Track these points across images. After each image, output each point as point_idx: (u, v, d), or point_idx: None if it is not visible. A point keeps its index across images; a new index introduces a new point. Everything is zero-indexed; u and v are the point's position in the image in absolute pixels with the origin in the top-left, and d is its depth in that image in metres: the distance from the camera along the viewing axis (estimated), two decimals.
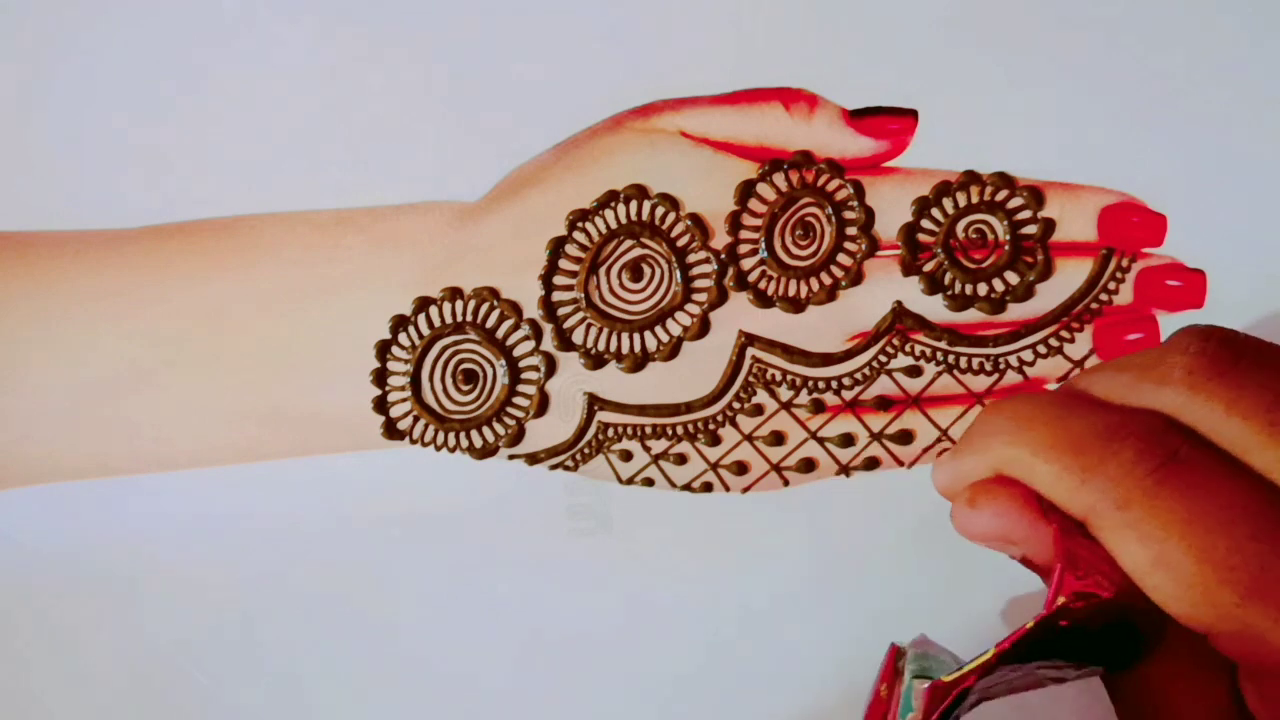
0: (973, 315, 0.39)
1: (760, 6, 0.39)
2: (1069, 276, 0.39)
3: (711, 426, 0.40)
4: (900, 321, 0.39)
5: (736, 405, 0.40)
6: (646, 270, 0.40)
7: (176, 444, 0.40)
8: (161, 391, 0.40)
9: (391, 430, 0.40)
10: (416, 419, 0.40)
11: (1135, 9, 0.39)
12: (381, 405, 0.40)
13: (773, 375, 0.39)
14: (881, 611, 0.39)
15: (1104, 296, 0.39)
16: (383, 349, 0.40)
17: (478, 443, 0.40)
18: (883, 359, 0.39)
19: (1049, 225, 0.39)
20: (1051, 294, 0.39)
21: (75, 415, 0.40)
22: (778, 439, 0.40)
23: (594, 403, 0.40)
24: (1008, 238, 0.39)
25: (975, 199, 0.39)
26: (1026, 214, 0.39)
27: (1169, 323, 0.39)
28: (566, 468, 0.40)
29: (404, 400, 0.40)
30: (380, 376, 0.40)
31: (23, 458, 0.40)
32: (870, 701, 0.27)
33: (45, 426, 0.40)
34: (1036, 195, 0.39)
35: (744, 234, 0.39)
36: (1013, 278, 0.39)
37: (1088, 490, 0.25)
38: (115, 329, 0.40)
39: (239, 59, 0.40)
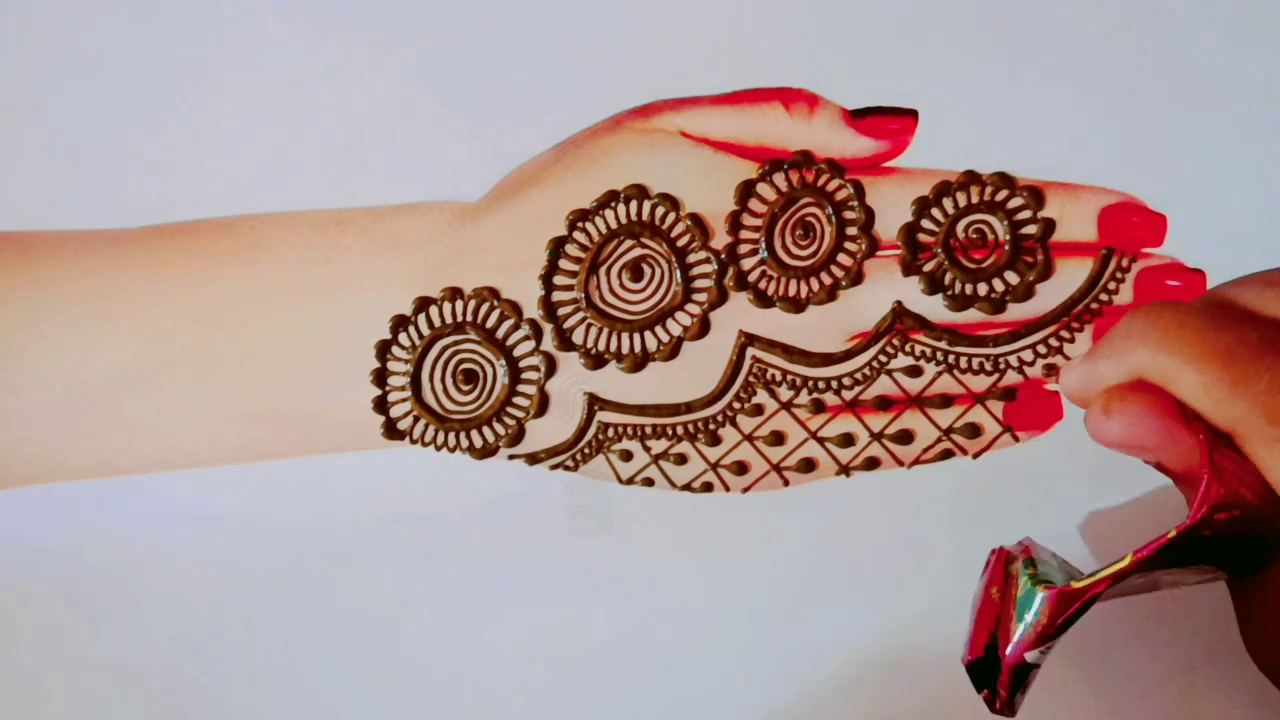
0: (973, 315, 0.39)
1: (760, 6, 0.39)
2: (1069, 276, 0.39)
3: (711, 426, 0.40)
4: (900, 321, 0.39)
5: (736, 405, 0.40)
6: (646, 270, 0.40)
7: (176, 444, 0.40)
8: (161, 391, 0.40)
9: (392, 430, 0.40)
10: (416, 419, 0.40)
11: (1135, 9, 0.39)
12: (382, 405, 0.40)
13: (773, 375, 0.39)
14: (883, 611, 0.39)
15: (1104, 296, 0.39)
16: (383, 349, 0.40)
17: (478, 443, 0.40)
18: (883, 359, 0.39)
19: (1049, 225, 0.39)
20: (1052, 294, 0.39)
21: (75, 415, 0.40)
22: (778, 439, 0.40)
23: (594, 403, 0.40)
24: (1008, 238, 0.39)
25: (975, 199, 0.39)
26: (1026, 214, 0.39)
27: None
28: (566, 468, 0.40)
29: (404, 400, 0.40)
30: (380, 376, 0.40)
31: (23, 457, 0.40)
32: (978, 604, 0.27)
33: (45, 426, 0.40)
34: (1036, 195, 0.39)
35: (744, 234, 0.39)
36: (1013, 278, 0.39)
37: (1237, 401, 0.25)
38: (115, 329, 0.39)
39: (239, 59, 0.40)
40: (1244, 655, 0.29)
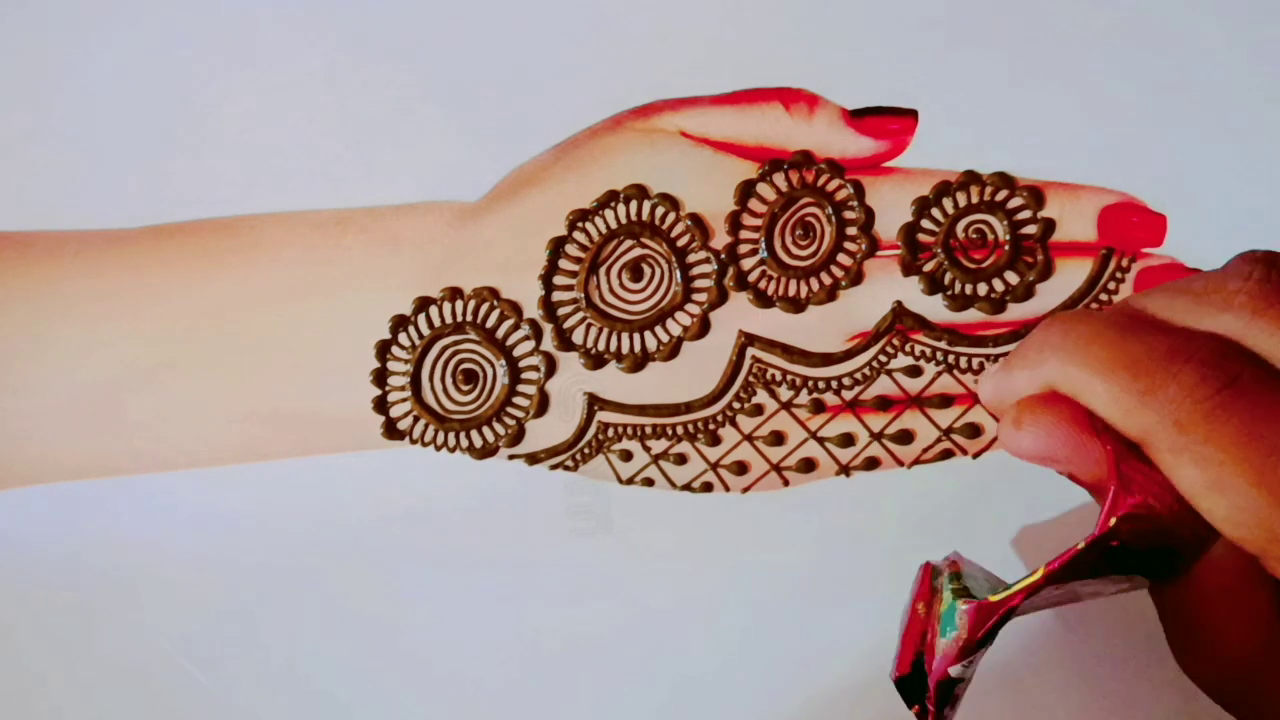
0: (973, 315, 0.39)
1: (760, 6, 0.39)
2: (1069, 276, 0.39)
3: (711, 426, 0.40)
4: (900, 321, 0.39)
5: (736, 405, 0.40)
6: (646, 270, 0.40)
7: (176, 444, 0.40)
8: (161, 391, 0.40)
9: (391, 430, 0.40)
10: (416, 419, 0.40)
11: (1134, 9, 0.39)
12: (381, 405, 0.40)
13: (773, 375, 0.39)
14: (883, 611, 0.39)
15: (1104, 296, 0.39)
16: (383, 349, 0.40)
17: (478, 443, 0.40)
18: (883, 359, 0.39)
19: (1049, 225, 0.39)
20: (1051, 294, 0.39)
21: (75, 415, 0.40)
22: (778, 439, 0.40)
23: (594, 403, 0.40)
24: (1008, 238, 0.39)
25: (975, 199, 0.39)
26: (1026, 214, 0.39)
27: None
28: (566, 468, 0.40)
29: (404, 400, 0.40)
30: (380, 376, 0.40)
31: (23, 458, 0.40)
32: (906, 620, 0.27)
33: (45, 426, 0.40)
34: (1036, 195, 0.39)
35: (744, 234, 0.39)
36: (1013, 278, 0.39)
37: (1146, 411, 0.25)
38: (115, 329, 0.39)
39: (239, 60, 0.40)
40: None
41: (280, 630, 0.39)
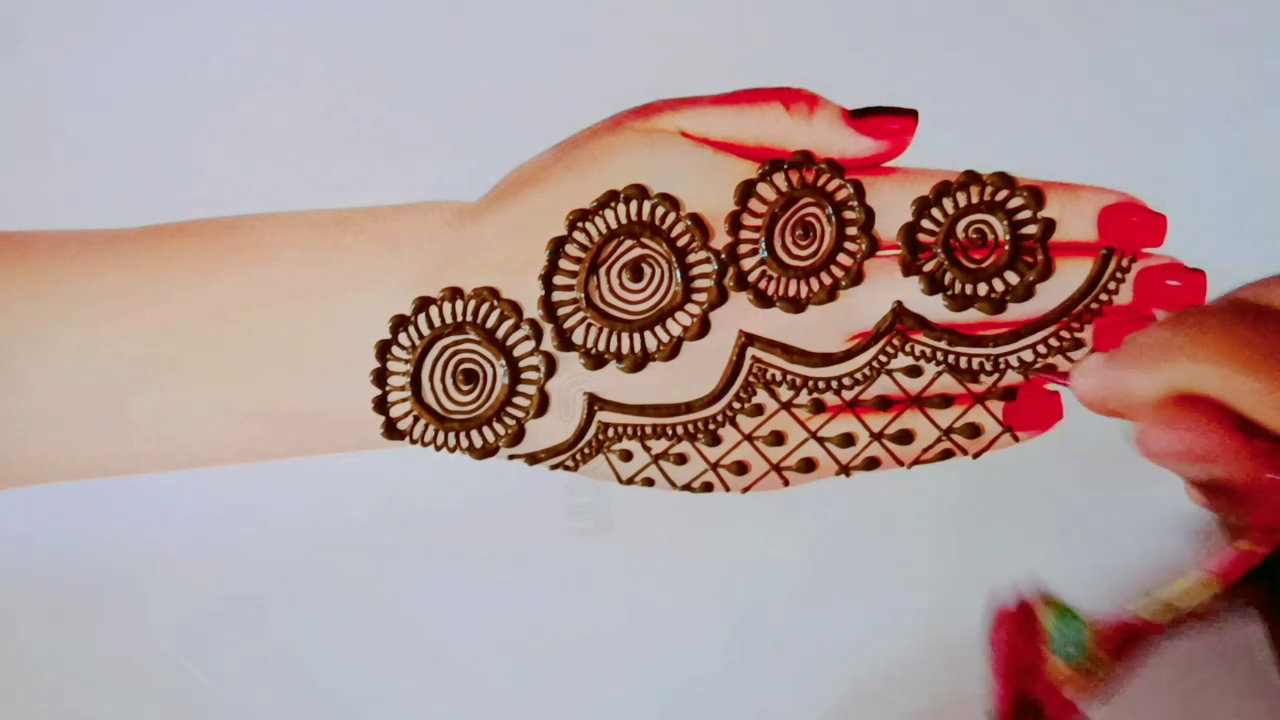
0: (973, 315, 0.39)
1: (760, 6, 0.39)
2: (1069, 276, 0.39)
3: (711, 426, 0.40)
4: (900, 321, 0.39)
5: (736, 405, 0.40)
6: (646, 270, 0.40)
7: (177, 444, 0.40)
8: (162, 392, 0.40)
9: (391, 430, 0.40)
10: (416, 419, 0.40)
11: (1133, 9, 0.39)
12: (382, 405, 0.40)
13: (773, 375, 0.39)
14: (884, 610, 0.39)
15: (1104, 296, 0.39)
16: (383, 349, 0.40)
17: (478, 443, 0.40)
18: (883, 359, 0.39)
19: (1049, 225, 0.39)
20: (1052, 294, 0.39)
21: (75, 416, 0.40)
22: (778, 439, 0.40)
23: (594, 403, 0.40)
24: (1008, 238, 0.39)
25: (975, 199, 0.39)
26: (1026, 214, 0.39)
27: None
28: (567, 468, 0.40)
29: (404, 400, 0.40)
30: (380, 376, 0.40)
31: (23, 458, 0.40)
32: (998, 660, 0.26)
33: (45, 427, 0.40)
34: (1036, 195, 0.39)
35: (744, 234, 0.39)
36: (1013, 278, 0.39)
37: None
38: (115, 329, 0.39)
39: (239, 60, 0.40)
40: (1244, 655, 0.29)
41: (281, 630, 0.39)
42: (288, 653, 0.39)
